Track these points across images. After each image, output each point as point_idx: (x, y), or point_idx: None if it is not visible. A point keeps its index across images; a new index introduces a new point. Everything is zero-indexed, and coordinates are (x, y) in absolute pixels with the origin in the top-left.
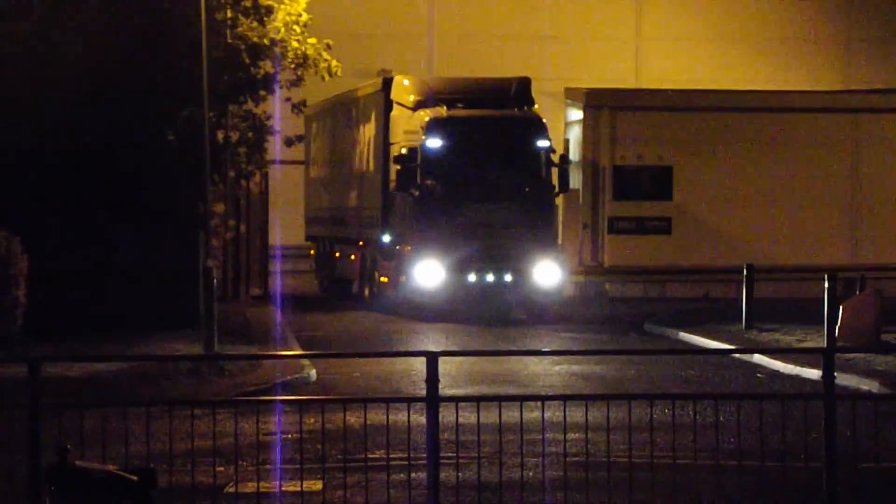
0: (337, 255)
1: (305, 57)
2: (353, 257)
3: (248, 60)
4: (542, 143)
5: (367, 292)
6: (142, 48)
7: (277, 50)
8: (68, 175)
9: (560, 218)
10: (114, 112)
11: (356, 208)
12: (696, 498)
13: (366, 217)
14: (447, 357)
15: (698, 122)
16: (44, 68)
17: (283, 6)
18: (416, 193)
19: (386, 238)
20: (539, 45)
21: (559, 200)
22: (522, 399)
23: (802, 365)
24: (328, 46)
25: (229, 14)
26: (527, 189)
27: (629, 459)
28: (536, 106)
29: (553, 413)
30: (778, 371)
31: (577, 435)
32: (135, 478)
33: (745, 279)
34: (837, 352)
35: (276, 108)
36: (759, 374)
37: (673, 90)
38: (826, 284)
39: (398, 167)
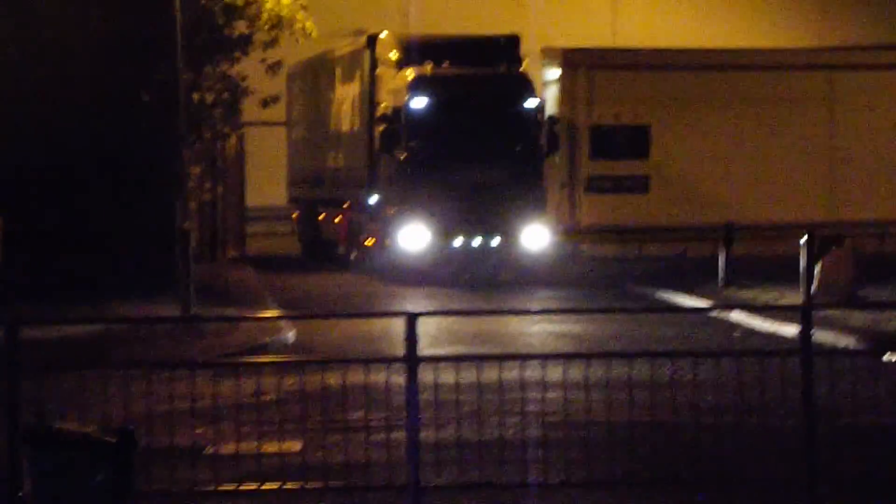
0: (321, 217)
1: (280, 17)
2: (337, 219)
3: (222, 21)
4: (531, 103)
5: (352, 255)
6: (117, 10)
7: (252, 10)
8: (42, 137)
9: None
10: (88, 71)
11: (341, 169)
12: (675, 455)
13: (351, 178)
14: (427, 318)
15: (675, 81)
16: (17, 28)
17: None
18: (401, 155)
19: (371, 200)
20: (516, 3)
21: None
22: (501, 358)
23: (780, 322)
24: (303, 7)
25: None
26: (514, 150)
27: (608, 418)
28: (525, 64)
29: (532, 372)
30: (755, 328)
31: (556, 394)
32: (114, 439)
33: (723, 237)
34: (815, 308)
35: (252, 69)
36: (736, 333)
37: (650, 49)
38: (803, 241)
39: (382, 127)
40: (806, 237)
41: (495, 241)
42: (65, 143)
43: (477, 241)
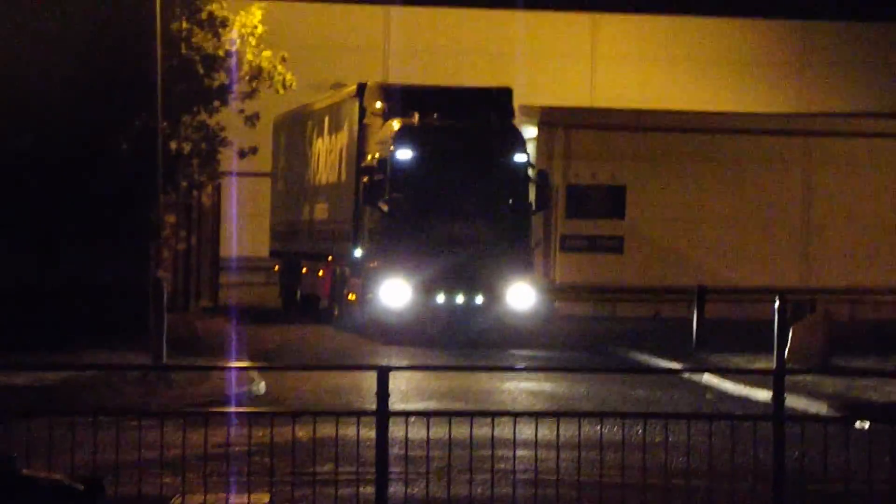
0: (304, 270)
1: (260, 69)
2: (321, 273)
3: (202, 71)
4: (519, 158)
5: (336, 311)
6: (96, 57)
7: (232, 62)
8: (16, 182)
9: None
10: (66, 120)
11: (326, 221)
12: None
13: (336, 231)
14: (398, 373)
15: (652, 142)
16: None
17: (238, 18)
18: (384, 207)
19: (356, 253)
20: (494, 61)
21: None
22: (472, 415)
23: (752, 386)
24: (283, 59)
25: (185, 25)
26: (501, 205)
27: (578, 478)
28: (515, 119)
29: (503, 430)
30: (727, 392)
31: (526, 452)
32: (82, 487)
33: (696, 299)
34: (787, 374)
35: (231, 120)
36: (708, 396)
37: (627, 110)
38: (776, 306)
39: (366, 179)
40: (778, 302)
41: (479, 299)
42: (40, 190)
43: (460, 299)
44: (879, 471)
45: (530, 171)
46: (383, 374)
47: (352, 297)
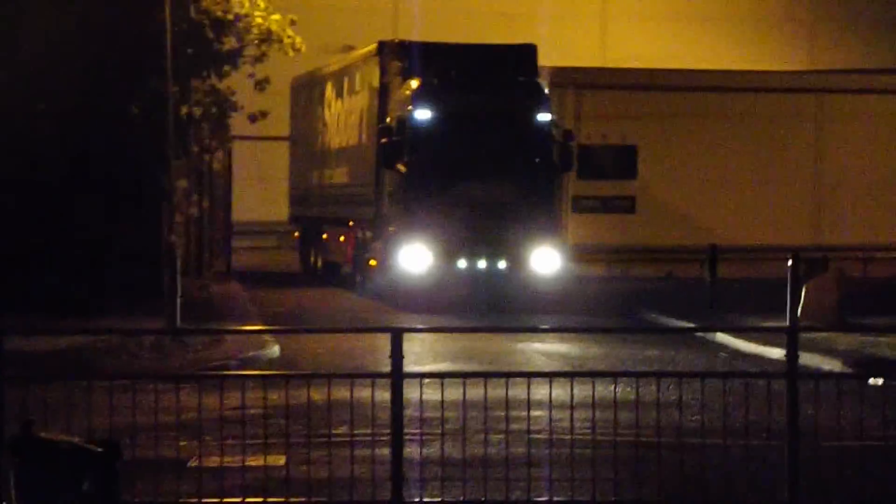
0: (325, 236)
1: (269, 33)
2: (342, 238)
3: (211, 35)
4: (543, 117)
5: (358, 277)
6: (105, 21)
7: (241, 25)
8: (28, 149)
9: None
10: (76, 85)
11: (347, 186)
12: (658, 475)
13: (357, 195)
14: (413, 335)
15: (663, 102)
16: (2, 41)
17: None
18: (402, 169)
19: (376, 218)
20: (505, 22)
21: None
22: (486, 376)
23: (765, 344)
24: (292, 22)
25: None
26: (525, 167)
27: (592, 437)
28: (540, 77)
29: (517, 391)
30: (741, 350)
31: (540, 412)
32: (100, 449)
33: (708, 259)
34: (800, 331)
35: (241, 84)
36: (722, 353)
37: (637, 69)
38: (789, 264)
39: (384, 140)
40: (791, 260)
41: (502, 264)
42: (51, 156)
43: (483, 264)
44: (893, 427)
45: (555, 132)
46: (397, 336)
47: (373, 262)
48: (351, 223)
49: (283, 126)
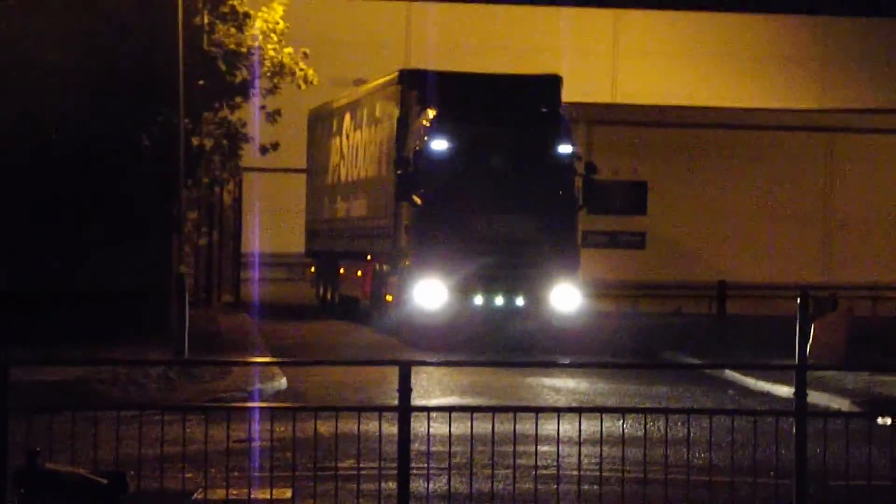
0: (342, 270)
1: (282, 65)
2: (359, 273)
3: (224, 68)
4: (565, 149)
5: (375, 312)
6: (118, 52)
7: (254, 58)
8: (39, 178)
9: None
10: (88, 115)
11: (364, 218)
12: None
13: (374, 228)
14: (421, 369)
15: (673, 138)
16: (17, 69)
17: (260, 14)
18: (418, 201)
19: (393, 252)
20: (516, 57)
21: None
22: (494, 410)
23: (774, 382)
24: (305, 55)
25: (206, 19)
26: (545, 200)
27: (600, 473)
28: (562, 108)
29: (525, 426)
30: (749, 387)
31: (548, 447)
32: (105, 481)
33: (717, 296)
34: (809, 369)
35: (252, 115)
36: (730, 391)
37: (648, 105)
38: (798, 302)
39: (400, 172)
40: (800, 298)
41: (520, 301)
42: (62, 186)
43: (500, 301)
44: None
45: (577, 164)
46: (405, 370)
47: (389, 297)
48: (368, 257)
49: (293, 158)
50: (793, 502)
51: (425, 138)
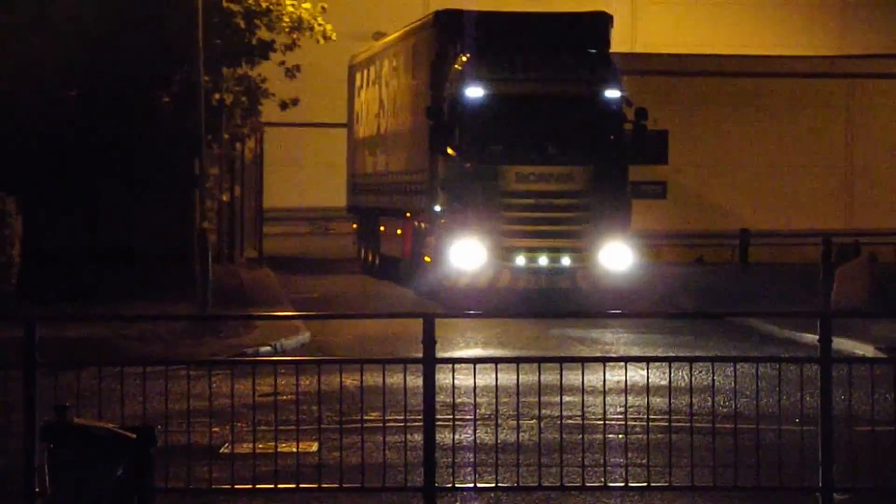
0: (382, 228)
1: (300, 21)
2: (399, 231)
3: (243, 25)
4: (613, 94)
5: (415, 273)
6: (138, 10)
7: (273, 14)
8: (64, 138)
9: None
10: (109, 73)
11: (402, 173)
12: (690, 460)
13: (413, 183)
14: (447, 321)
15: (694, 87)
16: (40, 29)
17: None
18: (454, 155)
19: (431, 209)
20: (535, 5)
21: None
22: (518, 361)
23: (798, 329)
24: (323, 10)
25: None
26: (593, 151)
27: (625, 422)
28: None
29: (549, 376)
30: (773, 335)
31: (572, 398)
32: (134, 435)
33: (739, 244)
34: (833, 316)
35: (272, 70)
36: (755, 338)
37: (668, 54)
38: (821, 249)
39: (432, 122)
40: (823, 245)
41: (566, 261)
42: (84, 143)
43: (544, 261)
44: None
45: (626, 111)
46: (429, 322)
47: (427, 259)
48: (408, 214)
49: (313, 113)
50: (819, 448)
51: (460, 84)
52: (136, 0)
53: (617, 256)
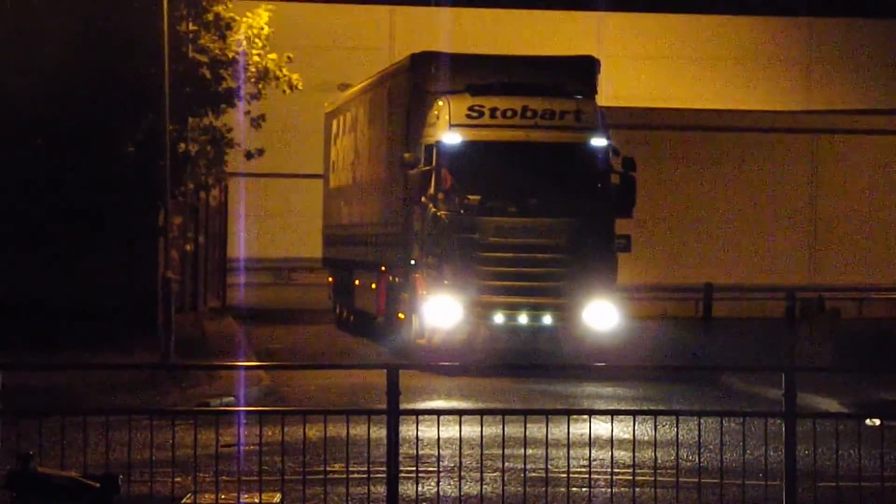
0: (356, 282)
1: (266, 70)
2: (373, 286)
3: (209, 75)
4: (598, 142)
5: (390, 332)
6: (104, 59)
7: (239, 64)
8: (24, 183)
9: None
10: (73, 122)
11: (376, 224)
12: None
13: (387, 235)
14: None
15: (658, 140)
16: (2, 76)
17: (245, 19)
18: (430, 206)
19: (406, 262)
20: (512, 50)
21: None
22: (482, 413)
23: (762, 384)
24: (289, 59)
25: (191, 27)
26: (578, 202)
27: (589, 475)
28: (597, 95)
29: (513, 428)
30: (738, 389)
31: (537, 450)
32: (97, 484)
33: (703, 298)
34: (797, 370)
35: (237, 121)
36: (718, 393)
37: (632, 108)
38: (786, 304)
39: (408, 170)
40: (787, 300)
41: (549, 319)
42: (47, 191)
43: (524, 319)
44: (890, 468)
45: (613, 161)
46: (393, 373)
47: (401, 315)
48: (383, 268)
49: (278, 164)
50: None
51: (435, 130)
52: (102, 48)
53: (602, 315)
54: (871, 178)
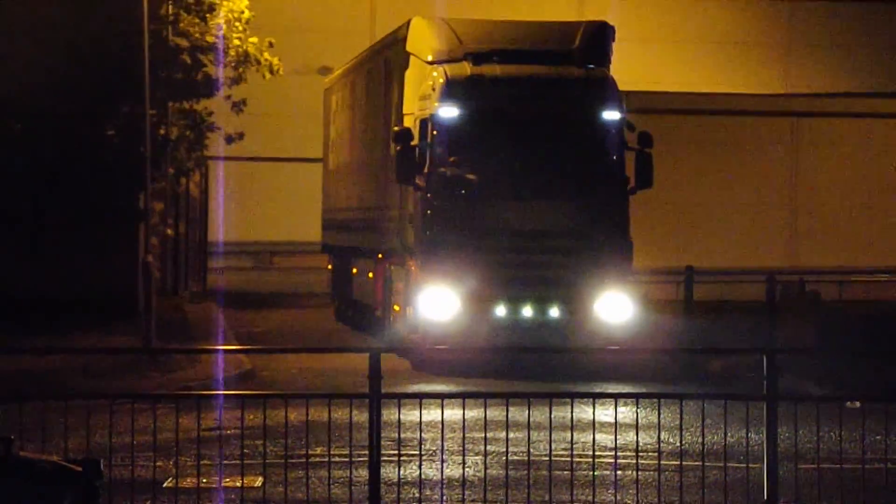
0: (354, 271)
1: (247, 55)
2: (370, 275)
3: (189, 61)
4: (611, 115)
5: (386, 324)
6: (82, 44)
7: (219, 49)
8: (7, 170)
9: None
10: (53, 108)
11: (373, 208)
12: (637, 497)
13: (383, 220)
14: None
15: (637, 124)
16: None
17: (225, 2)
18: (423, 186)
19: (400, 250)
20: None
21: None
22: (465, 396)
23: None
24: (270, 44)
25: (171, 10)
26: (587, 181)
27: (571, 458)
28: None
29: (495, 411)
30: (718, 372)
31: (519, 434)
32: (80, 469)
33: (684, 281)
34: (778, 353)
35: (218, 105)
36: (701, 375)
37: None
38: (766, 287)
39: (399, 148)
40: (768, 283)
41: (556, 313)
42: (27, 177)
43: (527, 312)
44: (871, 450)
45: (628, 135)
46: (375, 357)
47: (396, 307)
48: (380, 255)
49: (259, 147)
50: (764, 486)
51: (432, 104)
52: (82, 32)
53: (615, 306)
54: (852, 161)
